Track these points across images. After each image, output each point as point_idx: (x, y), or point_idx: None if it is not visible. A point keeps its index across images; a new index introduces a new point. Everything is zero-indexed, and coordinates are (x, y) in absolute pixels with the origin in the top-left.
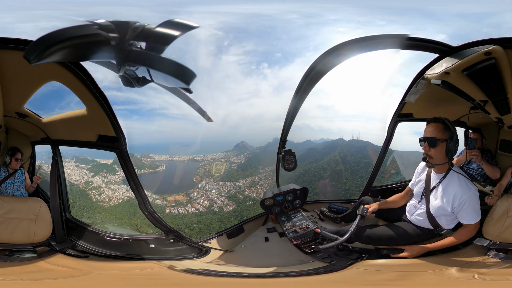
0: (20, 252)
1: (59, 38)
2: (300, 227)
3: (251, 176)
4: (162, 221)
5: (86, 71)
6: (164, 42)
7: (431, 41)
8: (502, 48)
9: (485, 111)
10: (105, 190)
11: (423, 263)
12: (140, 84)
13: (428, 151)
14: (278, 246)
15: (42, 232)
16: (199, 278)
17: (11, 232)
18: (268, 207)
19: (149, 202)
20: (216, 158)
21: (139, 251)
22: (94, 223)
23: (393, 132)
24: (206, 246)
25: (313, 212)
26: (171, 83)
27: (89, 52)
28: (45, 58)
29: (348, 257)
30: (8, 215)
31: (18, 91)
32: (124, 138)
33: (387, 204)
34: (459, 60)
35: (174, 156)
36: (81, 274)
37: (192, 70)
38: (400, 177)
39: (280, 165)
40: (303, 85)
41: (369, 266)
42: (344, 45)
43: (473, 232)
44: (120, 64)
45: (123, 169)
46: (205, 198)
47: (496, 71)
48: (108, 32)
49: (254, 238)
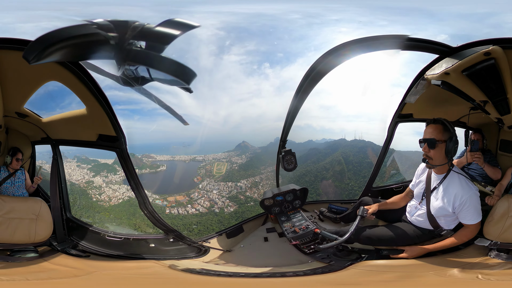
0: (21, 252)
1: (58, 38)
2: (300, 227)
3: (252, 176)
4: (162, 220)
5: (86, 71)
6: (164, 41)
7: (431, 41)
8: (502, 48)
9: (485, 112)
10: (106, 190)
11: (424, 263)
12: (140, 84)
13: (428, 152)
14: (277, 246)
15: (43, 232)
16: (197, 277)
17: (12, 232)
18: (268, 207)
19: (149, 201)
20: (218, 158)
21: (139, 251)
22: (93, 222)
23: (393, 133)
24: (205, 245)
25: (313, 213)
26: (171, 82)
27: (88, 51)
28: (44, 58)
29: (347, 257)
30: (9, 215)
31: (18, 91)
32: (124, 137)
33: (387, 205)
34: (459, 61)
35: (175, 156)
36: (84, 274)
37: (193, 70)
38: (400, 178)
39: (280, 165)
40: (304, 85)
41: (369, 266)
42: (345, 46)
43: (474, 232)
44: (119, 63)
45: (123, 168)
46: (206, 198)
47: (495, 72)
48: (107, 32)
49: (253, 238)
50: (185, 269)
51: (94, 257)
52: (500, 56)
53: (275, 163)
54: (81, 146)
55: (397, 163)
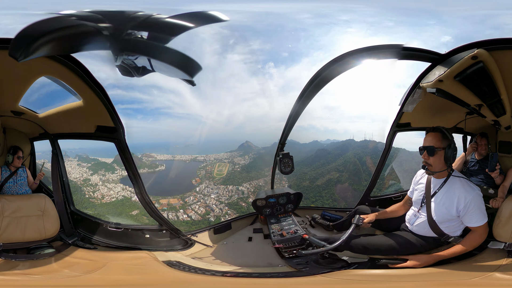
0: (39, 249)
1: (40, 32)
2: (288, 231)
3: (256, 179)
4: (158, 212)
5: (79, 63)
6: (172, 32)
7: (423, 50)
8: (487, 50)
9: (480, 115)
10: (101, 188)
11: (443, 271)
12: (140, 74)
13: (427, 159)
14: (258, 247)
15: (51, 227)
16: (170, 271)
17: (22, 230)
18: (259, 208)
19: (146, 192)
20: (220, 158)
21: (137, 241)
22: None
23: (391, 142)
24: (192, 239)
25: (304, 218)
26: (174, 73)
27: (78, 43)
28: (31, 54)
29: (330, 265)
30: (16, 214)
31: (11, 89)
32: (123, 128)
33: (386, 214)
34: (449, 67)
35: (175, 155)
36: (102, 266)
37: (198, 62)
38: (399, 187)
39: (276, 167)
40: (307, 91)
41: (354, 275)
42: (349, 54)
43: (483, 235)
44: (116, 53)
45: (121, 159)
46: (202, 204)
47: (486, 74)
48: (97, 23)
49: (239, 237)
50: (166, 261)
51: (100, 248)
52: (487, 59)
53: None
54: (79, 139)
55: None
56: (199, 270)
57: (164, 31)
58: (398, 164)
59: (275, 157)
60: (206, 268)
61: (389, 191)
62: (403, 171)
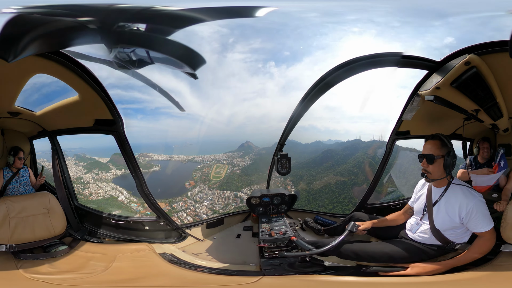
0: (52, 247)
1: (23, 30)
2: (277, 231)
3: (256, 183)
4: (156, 204)
5: (71, 58)
6: (176, 25)
7: (420, 58)
8: (478, 55)
9: (478, 120)
10: (91, 186)
11: (466, 278)
12: (136, 67)
13: (427, 167)
14: (244, 245)
15: (59, 224)
16: (161, 262)
17: (31, 230)
18: (253, 206)
19: (146, 184)
20: (218, 159)
21: (137, 234)
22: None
23: (391, 150)
24: (186, 232)
25: (296, 220)
26: (176, 65)
27: (65, 39)
28: (20, 53)
29: (305, 269)
30: (22, 214)
31: (5, 91)
32: (122, 120)
33: (386, 222)
34: (445, 74)
35: (172, 155)
36: (114, 259)
37: (201, 55)
38: (399, 195)
39: (274, 167)
40: (311, 93)
41: (319, 281)
42: (354, 61)
43: (492, 240)
44: (109, 46)
45: (120, 151)
46: (191, 212)
47: (480, 79)
48: (79, 17)
49: (228, 233)
50: (161, 253)
51: (107, 241)
52: (479, 63)
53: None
54: (78, 133)
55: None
56: (185, 264)
57: (167, 24)
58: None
59: (273, 157)
60: (190, 262)
61: (387, 199)
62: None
